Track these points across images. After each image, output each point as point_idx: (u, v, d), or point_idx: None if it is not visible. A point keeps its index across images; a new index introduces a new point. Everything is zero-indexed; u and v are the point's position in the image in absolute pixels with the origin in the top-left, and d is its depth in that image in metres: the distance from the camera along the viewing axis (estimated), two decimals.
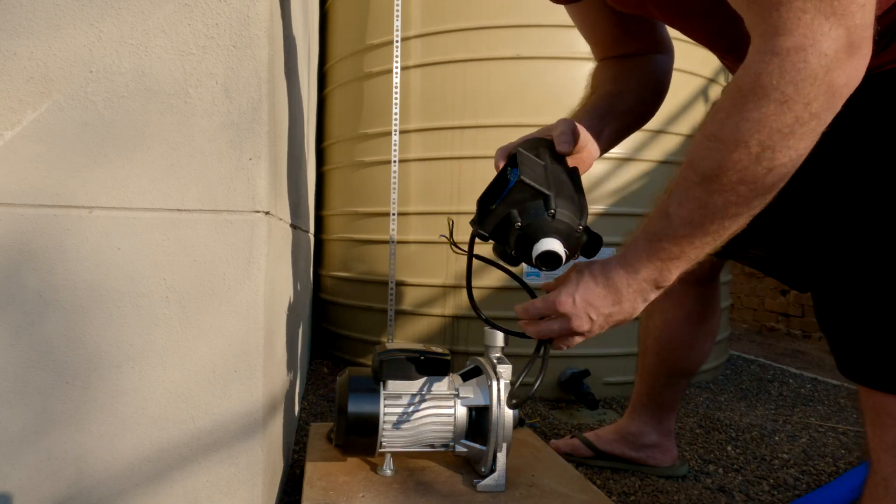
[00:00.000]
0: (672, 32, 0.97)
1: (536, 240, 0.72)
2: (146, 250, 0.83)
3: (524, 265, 0.82)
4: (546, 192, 0.73)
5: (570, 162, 0.83)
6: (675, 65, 1.03)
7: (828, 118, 0.57)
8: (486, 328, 0.93)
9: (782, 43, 0.55)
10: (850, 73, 0.56)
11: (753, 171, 0.59)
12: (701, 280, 1.20)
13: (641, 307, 0.73)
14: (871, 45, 0.56)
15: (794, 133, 0.56)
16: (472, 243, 0.83)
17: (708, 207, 0.63)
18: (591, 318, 0.73)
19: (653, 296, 0.72)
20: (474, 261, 0.84)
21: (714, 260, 1.16)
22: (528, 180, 0.73)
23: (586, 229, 0.75)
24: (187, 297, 0.84)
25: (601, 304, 0.72)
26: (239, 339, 0.85)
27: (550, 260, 0.72)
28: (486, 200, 0.80)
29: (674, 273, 0.69)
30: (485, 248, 0.78)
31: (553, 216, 0.72)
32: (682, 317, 1.22)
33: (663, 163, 1.98)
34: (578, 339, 0.76)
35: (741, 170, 0.59)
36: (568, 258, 0.74)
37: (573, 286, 0.73)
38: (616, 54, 1.01)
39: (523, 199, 0.74)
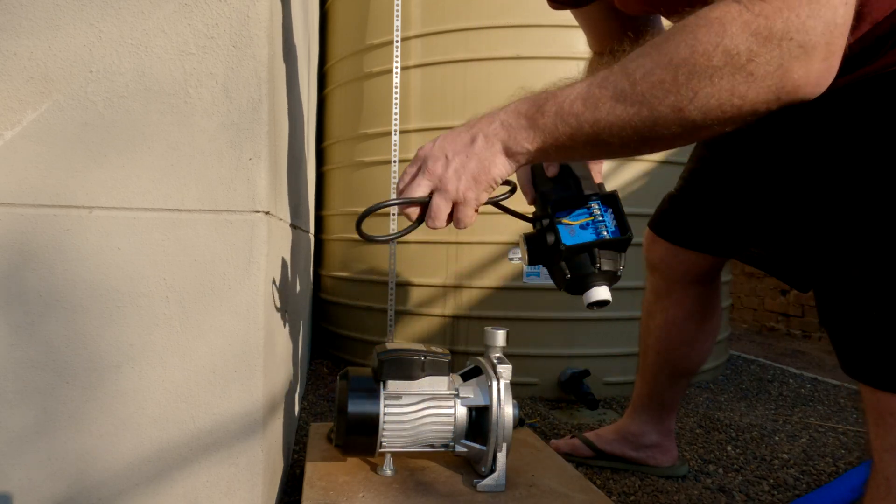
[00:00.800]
0: None
1: (585, 290, 0.75)
2: (146, 250, 0.82)
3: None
4: (592, 245, 0.74)
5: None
6: None
7: (752, 102, 0.52)
8: (486, 328, 0.94)
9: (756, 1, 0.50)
10: (807, 75, 0.50)
11: (665, 94, 0.54)
12: (701, 280, 1.20)
13: (500, 162, 0.68)
14: (839, 60, 0.51)
15: (719, 73, 0.51)
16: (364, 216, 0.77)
17: (610, 104, 0.58)
18: (446, 158, 0.70)
19: (501, 157, 0.68)
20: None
21: (715, 259, 1.16)
22: (573, 245, 0.74)
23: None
24: (187, 297, 0.84)
25: (456, 142, 0.70)
26: (239, 339, 0.85)
27: (601, 306, 0.75)
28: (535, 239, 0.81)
29: (526, 143, 0.65)
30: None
31: (599, 269, 0.74)
32: (683, 316, 1.22)
33: (663, 163, 1.97)
34: (442, 200, 0.70)
35: (653, 82, 0.55)
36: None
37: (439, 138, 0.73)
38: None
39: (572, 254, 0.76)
